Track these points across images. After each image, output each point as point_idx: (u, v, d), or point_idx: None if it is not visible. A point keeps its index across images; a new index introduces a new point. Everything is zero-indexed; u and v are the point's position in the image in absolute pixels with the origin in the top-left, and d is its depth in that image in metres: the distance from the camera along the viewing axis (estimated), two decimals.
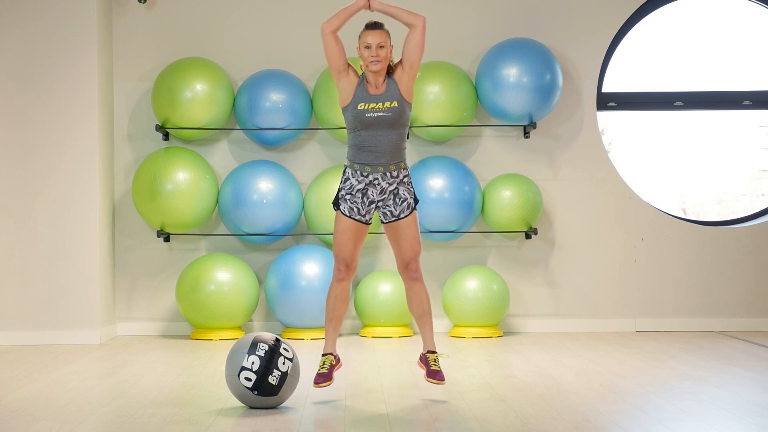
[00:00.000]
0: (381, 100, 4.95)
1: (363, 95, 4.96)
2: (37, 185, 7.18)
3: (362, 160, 4.97)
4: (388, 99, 4.95)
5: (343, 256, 5.00)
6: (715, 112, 8.29)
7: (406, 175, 5.03)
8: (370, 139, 4.95)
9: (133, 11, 7.66)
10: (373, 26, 4.97)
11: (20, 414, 4.64)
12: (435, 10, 7.76)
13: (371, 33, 4.94)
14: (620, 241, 7.82)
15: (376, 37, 4.93)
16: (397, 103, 4.95)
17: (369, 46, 4.93)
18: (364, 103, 4.95)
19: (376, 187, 4.98)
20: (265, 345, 4.67)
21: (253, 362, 4.62)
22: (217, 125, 7.50)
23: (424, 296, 5.07)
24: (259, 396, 4.65)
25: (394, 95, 4.96)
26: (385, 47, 4.94)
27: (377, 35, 4.93)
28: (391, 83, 4.99)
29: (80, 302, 7.17)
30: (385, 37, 4.95)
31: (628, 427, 4.34)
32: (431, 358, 5.03)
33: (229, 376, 4.69)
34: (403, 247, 5.03)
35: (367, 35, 4.95)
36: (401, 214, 5.00)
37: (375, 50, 4.92)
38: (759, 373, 5.75)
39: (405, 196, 5.00)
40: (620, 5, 7.83)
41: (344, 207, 5.00)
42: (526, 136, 7.70)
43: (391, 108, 4.94)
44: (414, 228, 5.03)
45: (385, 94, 4.96)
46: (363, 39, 4.96)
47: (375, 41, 4.92)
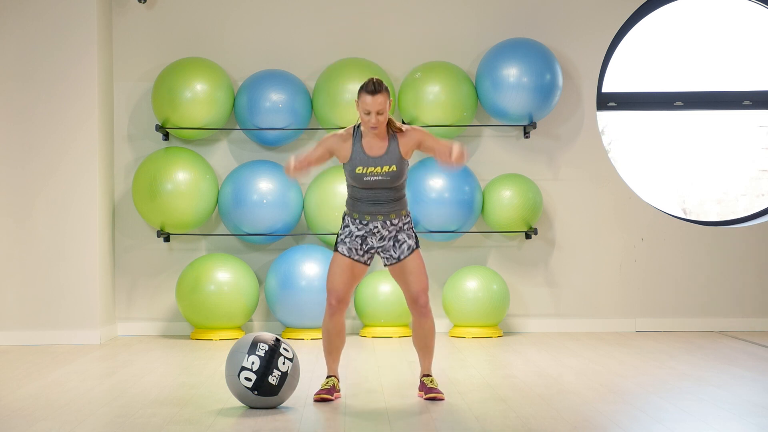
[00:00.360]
0: (380, 164, 4.78)
1: (360, 157, 4.79)
2: (37, 185, 7.18)
3: (361, 211, 4.86)
4: (387, 162, 4.78)
5: (335, 291, 4.85)
6: (715, 112, 8.29)
7: (406, 222, 4.91)
8: (369, 195, 4.84)
9: (133, 11, 7.66)
10: (373, 91, 4.69)
11: (20, 414, 4.64)
12: (435, 10, 7.77)
13: (371, 99, 4.68)
14: (620, 241, 7.82)
15: (376, 104, 4.68)
16: (396, 166, 4.78)
17: (369, 112, 4.70)
18: (362, 167, 4.78)
19: (376, 235, 4.89)
20: (265, 345, 4.67)
21: (253, 362, 4.62)
22: (217, 125, 7.50)
23: (430, 333, 4.92)
24: (259, 396, 4.65)
25: (393, 158, 4.79)
26: (385, 113, 4.71)
27: (377, 103, 4.68)
28: (393, 144, 4.80)
29: (80, 302, 7.17)
30: (385, 101, 4.71)
31: (628, 427, 4.34)
32: (426, 380, 4.98)
33: (229, 376, 4.69)
34: (409, 282, 4.88)
35: (366, 101, 4.69)
36: (401, 255, 4.88)
37: (375, 117, 4.70)
38: (759, 373, 5.75)
39: (404, 240, 4.89)
40: (620, 5, 7.83)
41: (342, 248, 4.89)
42: (526, 136, 7.70)
43: (390, 172, 4.79)
44: (418, 263, 4.87)
45: (384, 156, 4.78)
46: (362, 104, 4.71)
47: (375, 108, 4.68)
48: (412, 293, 4.89)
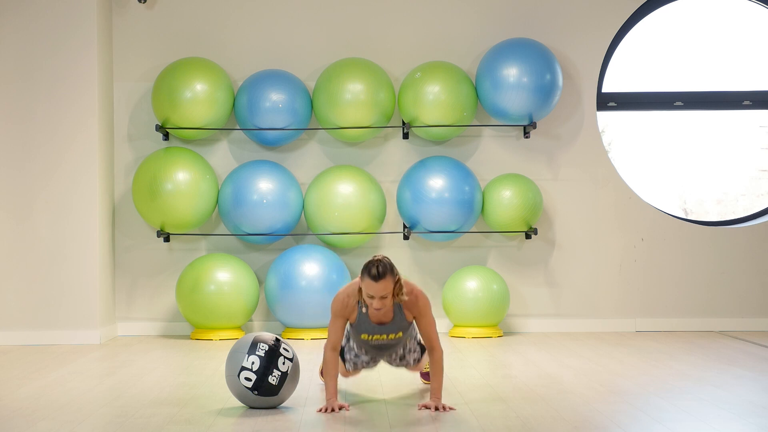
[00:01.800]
0: (385, 332, 4.70)
1: (366, 325, 4.69)
2: (37, 185, 7.18)
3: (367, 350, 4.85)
4: (393, 330, 4.70)
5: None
6: (715, 112, 8.30)
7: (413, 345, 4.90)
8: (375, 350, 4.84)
9: (133, 11, 7.66)
10: (376, 277, 4.47)
11: (20, 414, 4.64)
12: (435, 10, 7.77)
13: (375, 286, 4.47)
14: (620, 241, 7.82)
15: (380, 290, 4.48)
16: (402, 333, 4.71)
17: (372, 297, 4.51)
18: (367, 334, 4.71)
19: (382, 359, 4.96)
20: (265, 345, 4.67)
21: (253, 362, 4.62)
22: (217, 125, 7.50)
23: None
24: (259, 396, 4.65)
25: (399, 326, 4.70)
26: (388, 297, 4.51)
27: (381, 288, 4.47)
28: (399, 313, 4.68)
29: (80, 302, 7.17)
30: (389, 286, 4.49)
31: (628, 427, 4.34)
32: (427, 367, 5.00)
33: (229, 376, 4.68)
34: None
35: (371, 287, 4.48)
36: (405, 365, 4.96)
37: (378, 301, 4.51)
38: (759, 373, 5.75)
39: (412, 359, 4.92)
40: (620, 5, 7.83)
41: (348, 365, 4.91)
42: (526, 136, 7.70)
43: (396, 338, 4.73)
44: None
45: (390, 325, 4.69)
46: (366, 288, 4.51)
47: (379, 294, 4.49)
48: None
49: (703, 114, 8.34)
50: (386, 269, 4.47)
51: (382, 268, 4.46)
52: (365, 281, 4.50)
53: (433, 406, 4.63)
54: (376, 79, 7.39)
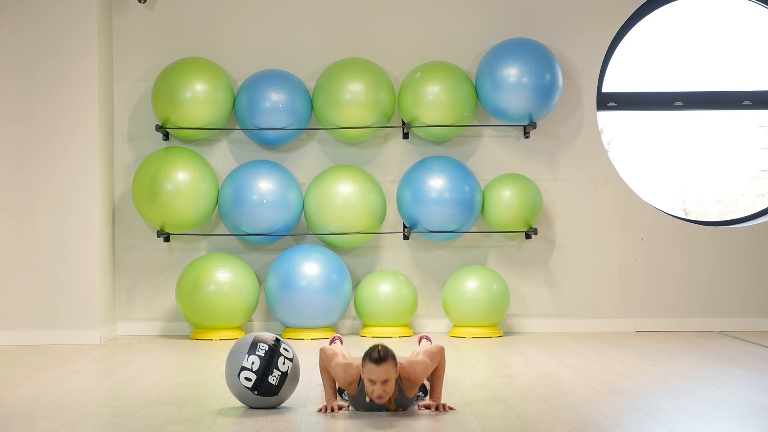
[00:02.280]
0: (385, 408, 4.60)
1: (363, 403, 4.57)
2: (37, 185, 7.19)
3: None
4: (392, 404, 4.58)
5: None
6: (715, 112, 8.29)
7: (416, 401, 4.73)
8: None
9: (133, 11, 7.66)
10: (378, 360, 4.33)
11: (20, 414, 4.64)
12: (435, 10, 7.77)
13: (376, 370, 4.33)
14: (620, 241, 7.82)
15: (382, 374, 4.34)
16: (402, 408, 4.61)
17: (373, 382, 4.37)
18: (364, 409, 4.62)
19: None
20: (265, 345, 4.67)
21: (253, 362, 4.62)
22: (217, 125, 7.50)
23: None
24: (259, 396, 4.65)
25: (401, 404, 4.58)
26: (391, 381, 4.37)
27: (383, 372, 4.33)
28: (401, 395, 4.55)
29: (80, 302, 7.17)
30: (392, 370, 4.35)
31: (628, 427, 4.34)
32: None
33: (229, 376, 4.68)
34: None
35: (372, 371, 4.35)
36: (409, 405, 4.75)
37: (380, 386, 4.36)
38: (759, 373, 5.75)
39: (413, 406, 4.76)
40: (620, 5, 7.83)
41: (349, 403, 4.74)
42: (526, 136, 7.70)
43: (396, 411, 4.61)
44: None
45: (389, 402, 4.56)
46: (366, 372, 4.37)
47: (380, 378, 4.35)
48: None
49: (703, 114, 8.34)
50: (387, 353, 4.35)
51: (384, 352, 4.34)
52: (366, 365, 4.36)
53: (433, 406, 4.63)
54: (376, 79, 7.39)
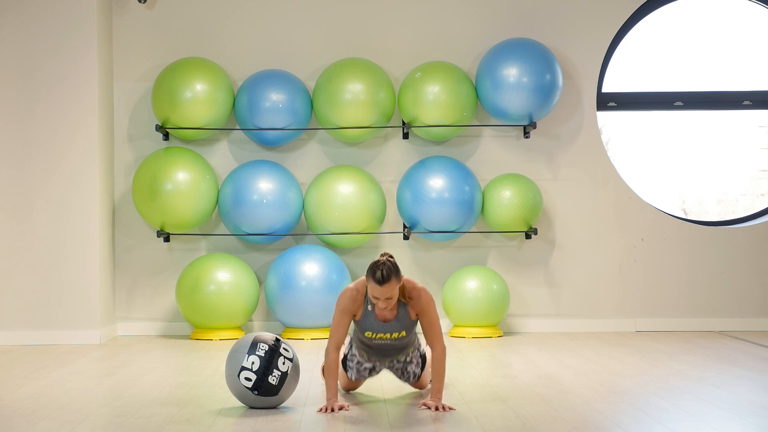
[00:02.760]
0: (389, 330, 4.74)
1: (370, 323, 4.74)
2: (37, 185, 7.19)
3: (369, 355, 4.90)
4: (397, 329, 4.74)
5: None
6: (715, 112, 8.29)
7: (414, 356, 4.93)
8: (377, 353, 4.88)
9: (133, 11, 7.66)
10: (381, 281, 4.53)
11: (20, 414, 4.64)
12: (435, 10, 7.77)
13: (380, 289, 4.55)
14: (620, 241, 7.82)
15: (386, 292, 4.56)
16: (405, 332, 4.76)
17: (378, 298, 4.59)
18: (371, 332, 4.76)
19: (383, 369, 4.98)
20: (265, 345, 4.67)
21: (253, 362, 4.62)
22: (217, 125, 7.50)
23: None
24: (259, 396, 4.65)
25: (403, 324, 4.74)
26: (394, 297, 4.60)
27: (386, 290, 4.56)
28: (402, 311, 4.73)
29: (80, 302, 7.17)
30: (394, 287, 4.57)
31: (628, 427, 4.34)
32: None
33: (229, 376, 4.68)
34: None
35: (376, 289, 4.56)
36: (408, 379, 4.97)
37: (384, 301, 4.60)
38: (759, 373, 5.75)
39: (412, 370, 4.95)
40: (620, 5, 7.83)
41: (351, 373, 4.95)
42: (526, 136, 7.70)
43: (399, 338, 4.77)
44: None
45: (393, 323, 4.74)
46: (371, 289, 4.59)
47: (384, 295, 4.57)
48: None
49: (703, 114, 8.34)
50: (390, 272, 4.54)
51: (387, 272, 4.53)
52: (370, 284, 4.58)
53: (433, 406, 4.63)
54: (376, 79, 7.39)
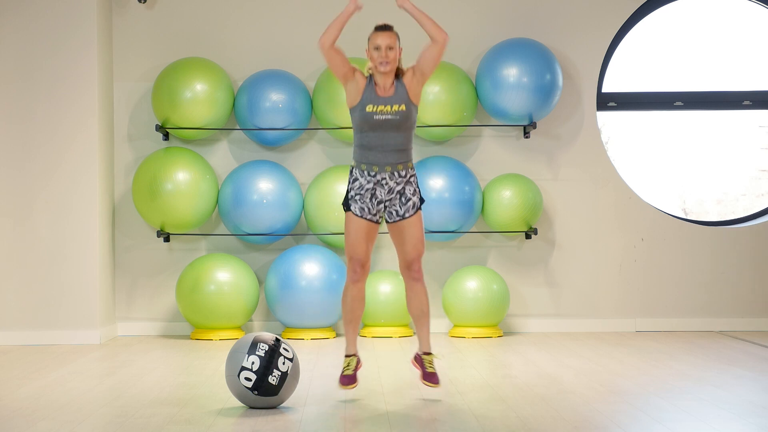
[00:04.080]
0: (389, 103, 4.95)
1: (371, 97, 4.96)
2: (37, 185, 7.19)
3: (369, 160, 4.97)
4: (396, 102, 4.95)
5: (357, 257, 4.99)
6: (715, 112, 8.29)
7: (412, 175, 5.03)
8: (377, 140, 4.96)
9: (133, 11, 7.66)
10: (383, 28, 4.96)
11: (20, 414, 4.64)
12: (435, 10, 7.75)
13: (381, 35, 4.93)
14: (620, 241, 7.82)
15: (386, 39, 4.93)
16: (405, 106, 4.95)
17: (378, 47, 4.93)
18: (372, 104, 4.95)
19: (384, 187, 4.98)
20: (265, 345, 4.67)
21: (253, 362, 4.62)
22: (217, 125, 7.51)
23: (423, 297, 5.07)
24: (259, 396, 4.65)
25: (402, 98, 4.96)
26: (395, 49, 4.94)
27: (387, 37, 4.93)
28: (400, 87, 4.98)
29: (80, 302, 7.17)
30: (395, 39, 4.95)
31: (628, 427, 4.34)
32: (426, 360, 5.05)
33: (229, 376, 4.69)
34: (406, 247, 5.03)
35: (377, 37, 4.94)
36: (406, 213, 5.00)
37: (384, 52, 4.92)
38: (759, 373, 5.76)
39: (410, 197, 5.01)
40: (620, 5, 7.83)
41: (355, 207, 4.99)
42: (526, 136, 7.70)
43: (399, 111, 4.94)
44: (418, 228, 5.02)
45: (393, 97, 4.96)
46: (372, 40, 4.96)
47: (385, 43, 4.92)
48: (408, 259, 5.04)
49: (703, 114, 8.34)
50: (392, 26, 4.98)
51: (388, 24, 4.98)
52: (372, 35, 4.95)
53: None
54: None
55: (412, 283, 5.06)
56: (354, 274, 5.00)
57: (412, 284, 5.06)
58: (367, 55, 5.00)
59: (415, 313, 5.10)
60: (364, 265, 5.00)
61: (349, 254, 5.00)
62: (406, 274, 5.06)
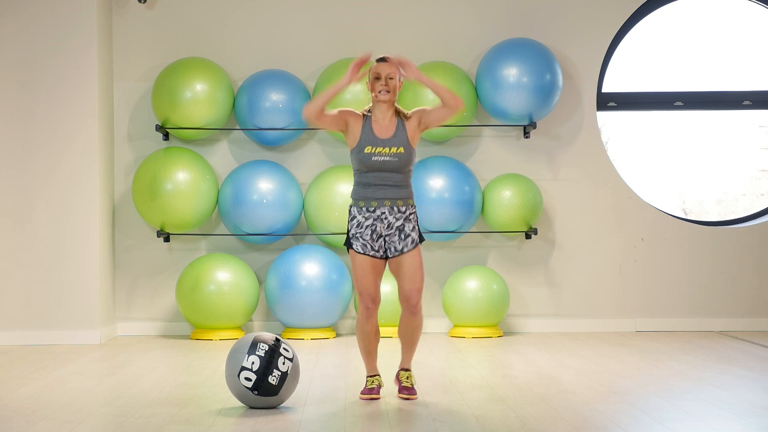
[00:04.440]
0: (388, 145, 4.91)
1: (370, 137, 4.93)
2: (37, 185, 7.19)
3: (368, 196, 4.94)
4: (395, 144, 4.91)
5: (367, 292, 4.96)
6: (715, 112, 8.29)
7: (413, 212, 4.99)
8: (376, 179, 4.94)
9: (133, 11, 7.66)
10: (384, 59, 4.95)
11: (20, 414, 4.64)
12: (435, 10, 7.77)
13: (382, 65, 4.93)
14: (620, 241, 7.82)
15: (387, 69, 4.92)
16: (403, 149, 4.92)
17: (379, 76, 4.93)
18: (370, 146, 4.91)
19: (383, 222, 4.95)
20: (265, 345, 4.67)
21: (253, 362, 4.62)
22: (217, 125, 7.51)
23: (416, 330, 5.03)
24: (259, 396, 4.65)
25: (401, 141, 4.92)
26: (395, 79, 4.93)
27: (387, 67, 4.92)
28: (401, 128, 4.95)
29: (80, 302, 7.17)
30: (395, 69, 4.93)
31: (628, 427, 4.34)
32: (403, 375, 5.06)
33: (229, 376, 4.68)
34: (404, 281, 4.97)
35: (378, 67, 4.93)
36: (404, 248, 4.96)
37: (385, 80, 4.92)
38: (759, 373, 5.76)
39: (409, 233, 4.96)
40: (620, 5, 7.83)
41: (357, 245, 4.97)
42: (526, 136, 7.70)
43: (398, 154, 4.91)
44: (417, 263, 4.97)
45: (392, 139, 4.92)
46: (373, 71, 4.95)
47: (385, 72, 4.92)
48: (406, 292, 4.98)
49: (703, 114, 8.34)
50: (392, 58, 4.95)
51: (388, 56, 4.98)
52: (373, 66, 4.95)
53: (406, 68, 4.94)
54: None
55: (408, 315, 5.01)
56: (366, 310, 4.97)
57: (408, 316, 5.01)
58: (368, 87, 4.98)
59: (403, 339, 5.07)
60: (374, 300, 4.97)
61: (359, 290, 4.98)
62: (405, 306, 5.01)
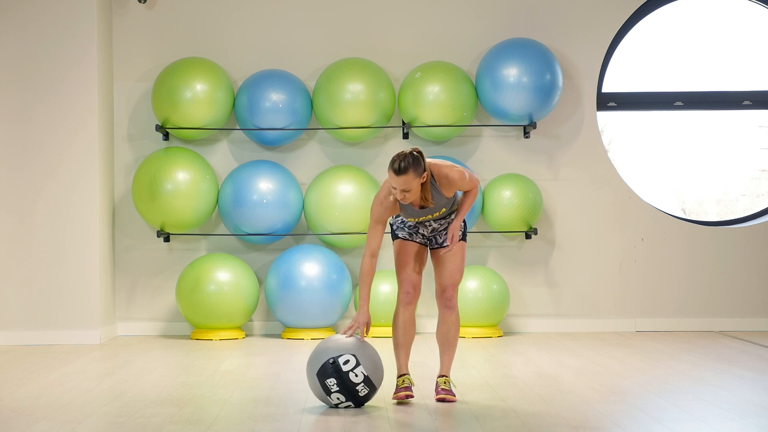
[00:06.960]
0: (429, 212, 4.84)
1: (410, 211, 4.84)
2: (37, 185, 7.19)
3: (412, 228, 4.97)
4: (437, 209, 4.84)
5: (408, 278, 4.93)
6: (715, 112, 8.30)
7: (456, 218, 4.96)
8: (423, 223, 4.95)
9: (133, 11, 7.66)
10: (398, 172, 4.60)
11: (20, 414, 4.64)
12: (435, 10, 7.77)
13: (396, 179, 4.63)
14: (620, 241, 7.82)
15: (401, 184, 4.62)
16: (445, 209, 4.86)
17: (395, 188, 4.68)
18: (413, 218, 4.87)
19: (427, 227, 4.95)
20: (332, 380, 4.65)
21: (337, 394, 4.68)
22: (217, 125, 7.51)
23: (453, 327, 4.99)
24: (368, 395, 4.73)
25: (440, 204, 4.83)
26: (412, 189, 4.65)
27: (402, 182, 4.61)
28: (437, 195, 4.80)
29: (80, 302, 7.17)
30: (411, 181, 4.62)
31: (628, 427, 4.34)
32: (441, 381, 4.98)
33: (324, 400, 4.74)
34: (443, 273, 4.96)
35: (393, 180, 4.65)
36: (445, 242, 4.95)
37: (401, 194, 4.68)
38: (759, 373, 5.76)
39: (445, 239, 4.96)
40: (620, 5, 7.83)
41: (402, 234, 4.95)
42: (526, 136, 7.70)
43: (441, 215, 4.87)
44: (458, 257, 4.94)
45: (433, 207, 4.83)
46: (390, 179, 4.68)
47: (400, 187, 4.64)
48: (443, 284, 4.97)
49: (703, 114, 8.34)
50: (409, 165, 4.59)
51: (405, 164, 4.58)
52: (389, 172, 4.63)
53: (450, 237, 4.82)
54: (376, 79, 7.40)
55: (445, 311, 4.98)
56: (406, 295, 4.92)
57: (444, 311, 4.99)
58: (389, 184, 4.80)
59: (440, 340, 5.02)
60: (416, 287, 4.93)
61: (402, 278, 4.94)
62: (440, 301, 4.99)
